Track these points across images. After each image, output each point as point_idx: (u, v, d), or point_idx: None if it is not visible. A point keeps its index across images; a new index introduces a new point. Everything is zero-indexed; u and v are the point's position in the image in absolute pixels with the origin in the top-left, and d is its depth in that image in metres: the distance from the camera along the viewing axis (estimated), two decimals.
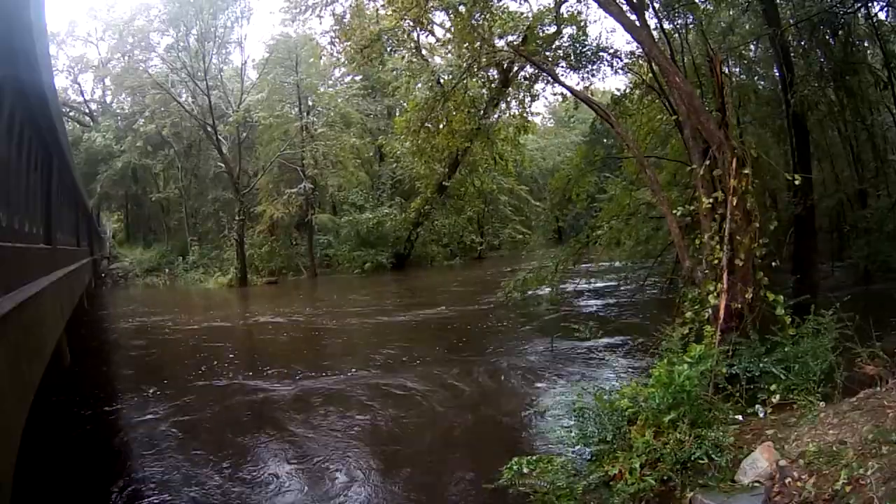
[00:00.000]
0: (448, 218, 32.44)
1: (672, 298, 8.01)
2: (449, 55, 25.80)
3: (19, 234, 4.74)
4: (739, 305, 5.40)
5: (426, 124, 16.23)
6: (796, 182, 6.79)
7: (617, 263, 17.38)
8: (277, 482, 5.34)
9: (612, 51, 13.48)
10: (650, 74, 12.31)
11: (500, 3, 14.29)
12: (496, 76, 18.20)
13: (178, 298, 23.47)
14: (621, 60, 13.59)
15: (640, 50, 11.19)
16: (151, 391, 8.71)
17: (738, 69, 15.83)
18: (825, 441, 3.63)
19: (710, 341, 4.96)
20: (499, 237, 37.53)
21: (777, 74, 13.57)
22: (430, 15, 16.25)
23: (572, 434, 4.61)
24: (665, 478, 3.83)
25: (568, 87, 11.11)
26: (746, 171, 5.58)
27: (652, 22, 10.92)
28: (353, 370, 9.49)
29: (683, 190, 11.79)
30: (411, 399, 7.88)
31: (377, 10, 15.72)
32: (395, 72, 31.00)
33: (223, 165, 27.69)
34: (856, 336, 4.45)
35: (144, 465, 5.90)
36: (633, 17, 8.21)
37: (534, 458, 4.41)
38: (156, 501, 5.08)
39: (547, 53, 12.91)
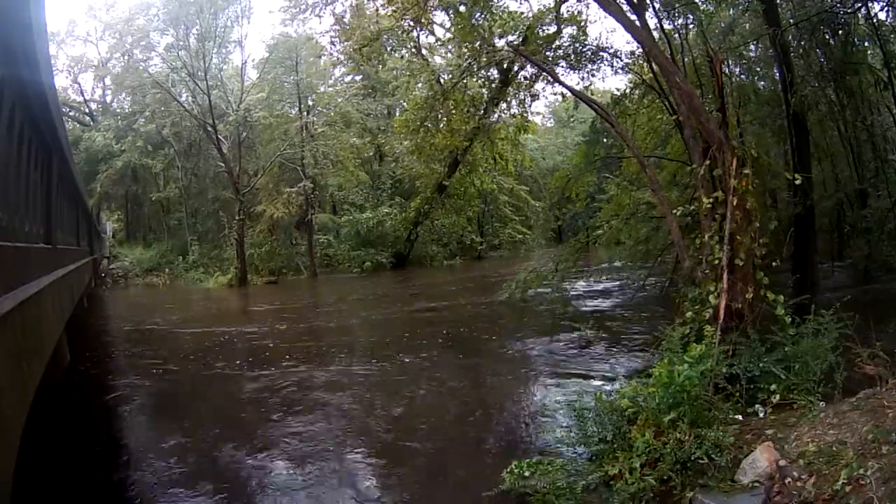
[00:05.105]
0: (448, 218, 32.43)
1: (672, 298, 8.01)
2: (449, 55, 25.83)
3: (19, 233, 4.73)
4: (739, 305, 5.40)
5: (426, 123, 16.25)
6: (796, 182, 6.80)
7: (617, 263, 17.39)
8: (276, 482, 5.34)
9: (612, 51, 13.53)
10: (650, 74, 12.33)
11: (501, 3, 14.33)
12: (496, 76, 18.21)
13: (178, 298, 23.45)
14: (621, 60, 13.65)
15: (640, 50, 11.22)
16: (152, 390, 8.71)
17: (738, 69, 15.86)
18: (825, 441, 3.64)
19: (710, 341, 4.95)
20: (499, 237, 37.52)
21: (777, 74, 13.58)
22: (430, 15, 16.25)
23: (572, 434, 4.61)
24: (665, 478, 3.83)
25: (568, 87, 11.11)
26: (746, 171, 5.58)
27: (652, 22, 10.96)
28: (351, 369, 9.49)
29: (683, 190, 11.80)
30: (410, 398, 7.89)
31: (377, 9, 15.73)
32: (395, 71, 31.01)
33: (223, 165, 27.67)
34: (856, 336, 4.45)
35: (145, 464, 5.90)
36: (634, 17, 8.22)
37: (534, 460, 4.41)
38: (156, 500, 5.08)
39: (547, 53, 12.93)
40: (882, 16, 13.31)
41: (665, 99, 11.56)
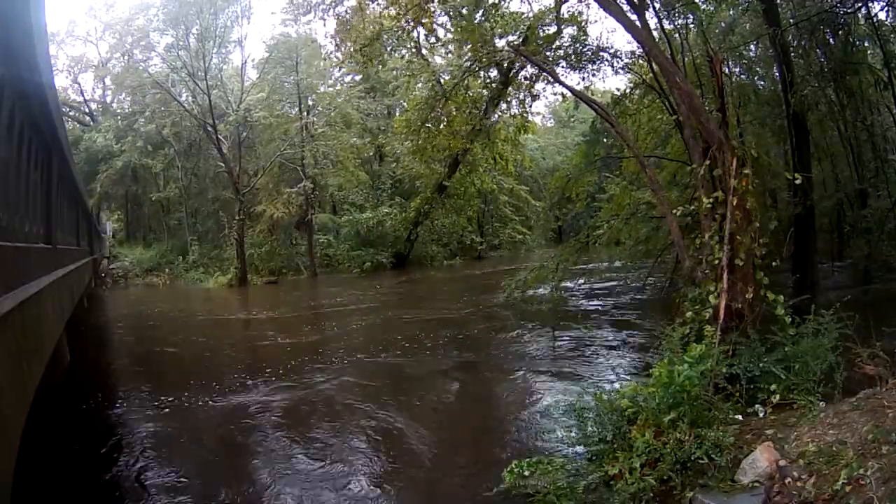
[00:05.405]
0: (448, 218, 32.45)
1: (672, 298, 8.01)
2: (449, 55, 25.83)
3: (19, 233, 4.74)
4: (739, 305, 5.40)
5: (426, 124, 16.23)
6: (796, 182, 6.80)
7: (617, 263, 17.38)
8: (276, 482, 5.34)
9: (612, 51, 13.53)
10: (650, 74, 12.33)
11: (502, 4, 14.33)
12: (497, 76, 18.21)
13: (179, 298, 23.46)
14: (621, 60, 13.64)
15: (641, 50, 11.22)
16: (151, 391, 8.71)
17: (738, 69, 15.86)
18: (825, 441, 3.63)
19: (710, 341, 4.95)
20: (499, 237, 37.55)
21: (777, 74, 13.58)
22: (432, 16, 16.24)
23: (573, 434, 4.61)
24: (665, 478, 3.83)
25: (568, 87, 11.10)
26: (746, 171, 5.58)
27: (652, 22, 10.95)
28: (352, 370, 9.49)
29: (683, 190, 11.80)
30: (410, 398, 7.88)
31: (380, 11, 15.71)
32: (395, 72, 30.99)
33: (223, 165, 27.68)
34: (856, 336, 4.45)
35: (144, 465, 5.90)
36: (634, 17, 8.22)
37: (534, 459, 4.40)
38: (156, 498, 5.08)
39: (547, 53, 12.93)
40: (882, 16, 13.32)
41: (665, 99, 11.56)
